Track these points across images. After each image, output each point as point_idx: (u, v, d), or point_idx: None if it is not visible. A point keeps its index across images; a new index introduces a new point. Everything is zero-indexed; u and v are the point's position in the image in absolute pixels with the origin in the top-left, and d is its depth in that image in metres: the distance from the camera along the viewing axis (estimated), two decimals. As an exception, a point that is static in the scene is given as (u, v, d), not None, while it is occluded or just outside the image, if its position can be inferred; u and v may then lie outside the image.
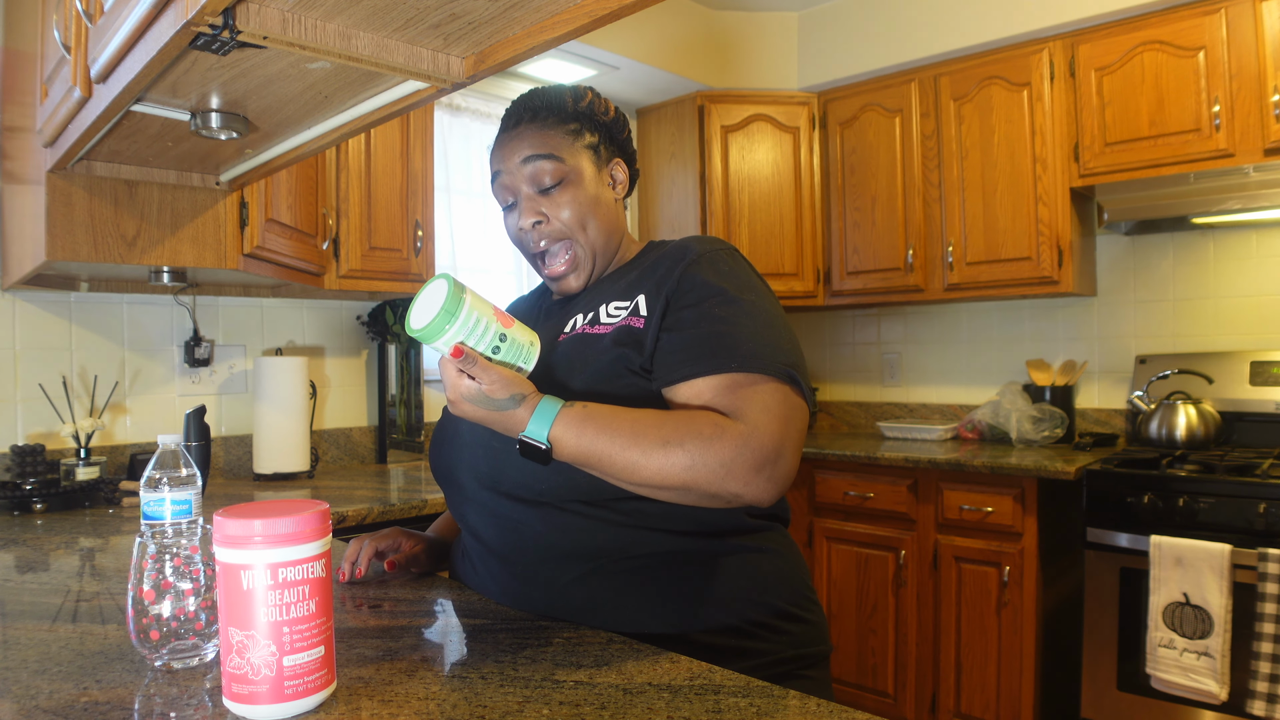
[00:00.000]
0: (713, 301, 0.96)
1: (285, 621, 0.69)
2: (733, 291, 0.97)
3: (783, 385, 0.92)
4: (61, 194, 1.63)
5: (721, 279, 0.98)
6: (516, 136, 1.07)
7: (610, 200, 1.10)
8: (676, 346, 0.94)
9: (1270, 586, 1.99)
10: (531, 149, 1.05)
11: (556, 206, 1.05)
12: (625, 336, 0.97)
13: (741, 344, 0.92)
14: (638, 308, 0.99)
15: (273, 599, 0.68)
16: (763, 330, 0.95)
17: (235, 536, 0.69)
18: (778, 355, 0.93)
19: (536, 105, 1.08)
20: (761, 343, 0.93)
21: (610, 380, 0.95)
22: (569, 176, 1.05)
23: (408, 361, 2.76)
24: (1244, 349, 2.70)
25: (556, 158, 1.05)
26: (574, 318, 1.05)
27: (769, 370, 0.91)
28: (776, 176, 3.36)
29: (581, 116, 1.08)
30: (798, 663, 1.00)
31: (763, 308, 0.97)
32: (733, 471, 0.85)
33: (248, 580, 0.69)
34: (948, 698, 2.64)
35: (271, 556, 0.69)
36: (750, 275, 1.02)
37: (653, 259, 1.05)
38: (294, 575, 0.69)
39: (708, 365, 0.91)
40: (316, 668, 0.71)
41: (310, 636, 0.70)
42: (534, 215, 1.05)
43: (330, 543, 0.74)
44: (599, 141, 1.09)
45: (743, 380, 0.91)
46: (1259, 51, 2.38)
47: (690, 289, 0.97)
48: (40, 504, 1.88)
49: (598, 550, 0.96)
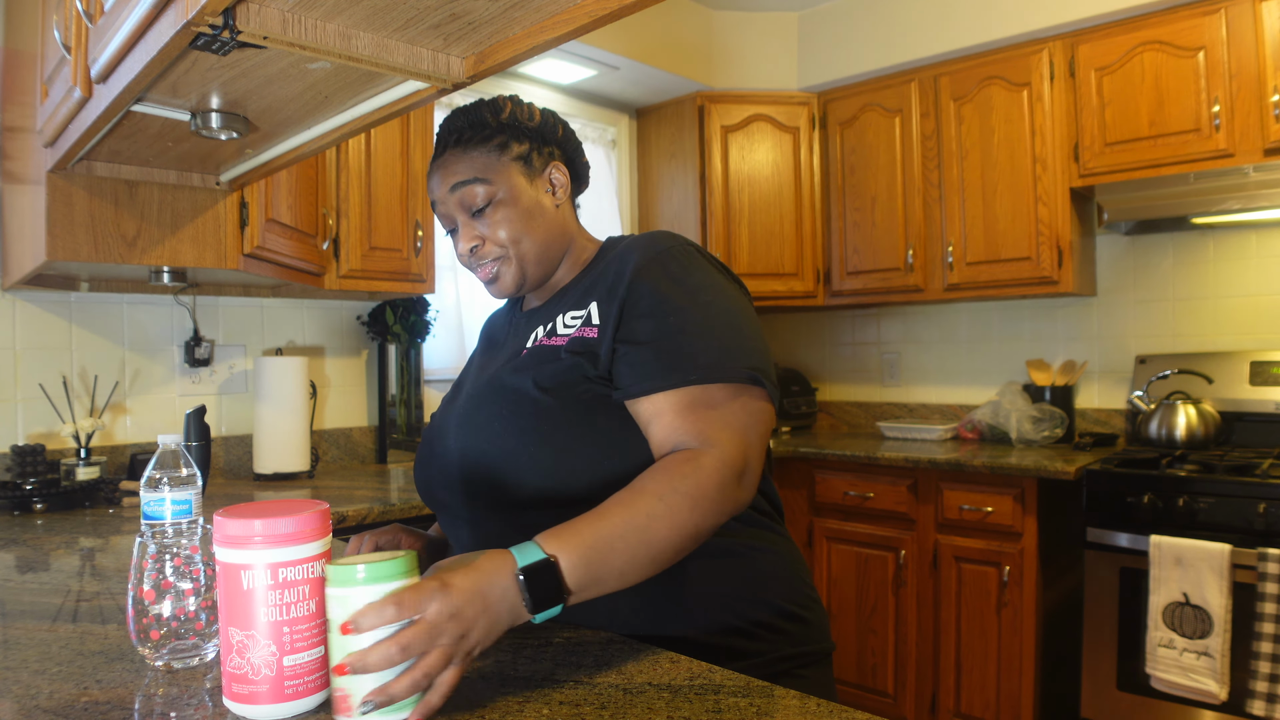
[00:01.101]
0: (666, 308, 0.94)
1: (285, 621, 0.69)
2: (685, 295, 0.96)
3: (743, 391, 0.92)
4: (62, 194, 1.63)
5: (673, 283, 0.96)
6: (443, 165, 1.06)
7: (550, 207, 1.08)
8: (635, 360, 0.93)
9: (1270, 586, 1.99)
10: (457, 176, 1.04)
11: (492, 226, 1.05)
12: (580, 346, 0.97)
13: (698, 353, 0.92)
14: (590, 316, 0.99)
15: (273, 599, 0.69)
16: (719, 333, 0.94)
17: (236, 536, 0.69)
18: (736, 359, 0.92)
19: (459, 126, 1.06)
20: (719, 348, 0.92)
21: (568, 388, 0.95)
22: (498, 195, 1.04)
23: (408, 361, 2.76)
24: (1244, 349, 2.70)
25: (483, 180, 1.04)
26: (535, 330, 1.06)
27: (728, 377, 0.91)
28: (776, 176, 3.36)
29: (505, 128, 1.06)
30: (796, 661, 0.99)
31: (719, 308, 0.96)
32: (724, 500, 0.87)
33: (248, 580, 0.69)
34: (948, 698, 2.64)
35: (272, 556, 0.69)
36: (704, 273, 1.00)
37: (604, 264, 1.05)
38: (295, 575, 0.69)
39: (667, 379, 0.91)
40: (316, 668, 0.71)
41: (310, 636, 0.70)
42: (471, 240, 1.05)
43: (331, 542, 0.74)
44: (529, 150, 1.07)
45: (700, 396, 0.90)
46: (1259, 51, 2.38)
47: (641, 297, 0.96)
48: (40, 504, 1.88)
49: None
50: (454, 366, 2.99)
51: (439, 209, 1.08)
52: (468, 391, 1.08)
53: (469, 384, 1.12)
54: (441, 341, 2.95)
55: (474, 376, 1.13)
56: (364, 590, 0.66)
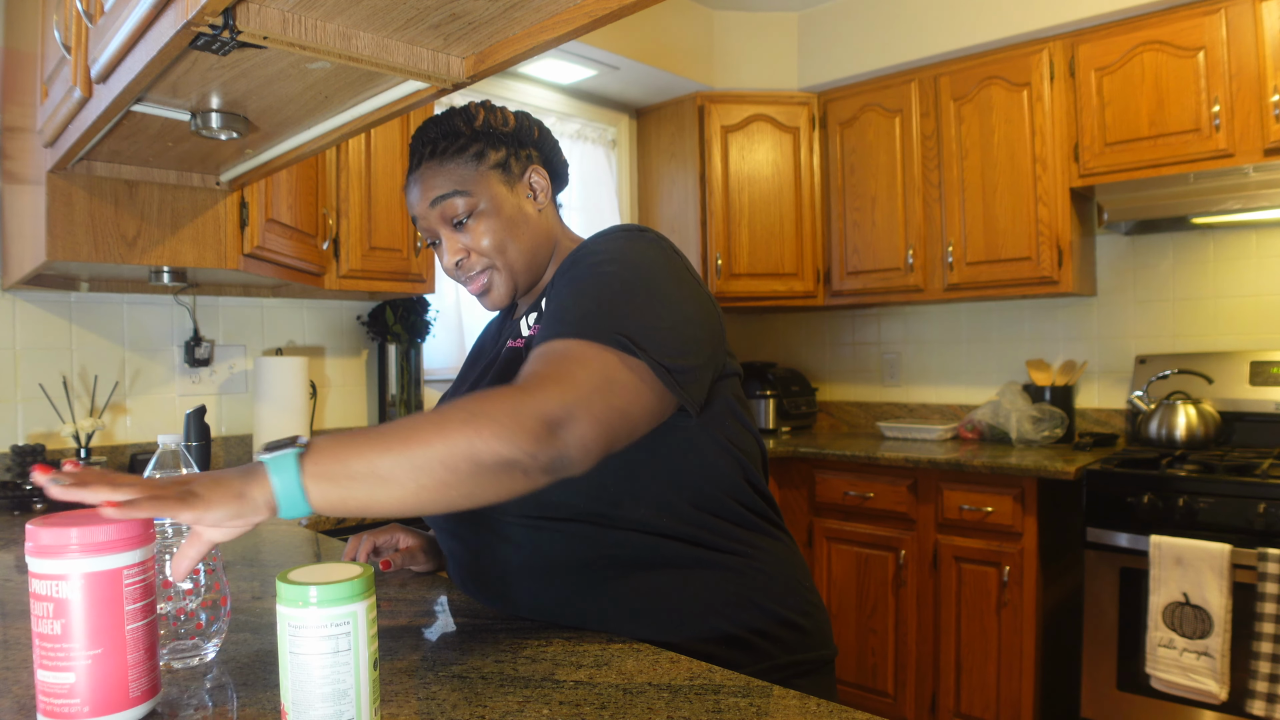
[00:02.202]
0: (567, 280, 0.92)
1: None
2: (593, 264, 0.91)
3: (605, 351, 0.82)
4: (62, 194, 1.63)
5: (589, 256, 0.93)
6: (420, 179, 1.04)
7: (532, 213, 1.07)
8: (542, 329, 0.89)
9: (1270, 586, 1.99)
10: (436, 190, 1.03)
11: (475, 237, 1.04)
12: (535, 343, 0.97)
13: (574, 311, 0.86)
14: (542, 313, 0.99)
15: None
16: (611, 298, 0.87)
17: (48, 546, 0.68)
18: (614, 323, 0.83)
19: (432, 137, 1.04)
20: (601, 311, 0.85)
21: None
22: (479, 206, 1.03)
23: (408, 361, 2.76)
24: (1244, 349, 2.70)
25: (463, 192, 1.02)
26: (510, 335, 1.07)
27: (593, 337, 0.82)
28: (776, 176, 3.36)
29: (480, 136, 1.04)
30: (792, 670, 0.97)
31: (623, 277, 0.89)
32: (511, 432, 0.73)
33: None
34: (948, 697, 2.64)
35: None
36: (631, 248, 0.93)
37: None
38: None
39: (542, 336, 0.86)
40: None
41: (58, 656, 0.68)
42: (457, 253, 1.04)
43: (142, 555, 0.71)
44: (506, 156, 1.05)
45: (559, 347, 0.83)
46: (1259, 52, 2.38)
47: (558, 276, 0.95)
48: (41, 504, 1.88)
49: (580, 563, 0.94)
50: (454, 366, 2.99)
51: (420, 223, 1.07)
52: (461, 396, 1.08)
53: (461, 389, 1.13)
54: (441, 341, 2.95)
55: (467, 380, 1.13)
56: (316, 612, 0.62)
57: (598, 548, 0.93)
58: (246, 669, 0.83)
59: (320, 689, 0.62)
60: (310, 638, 0.62)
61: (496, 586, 1.00)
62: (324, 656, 0.62)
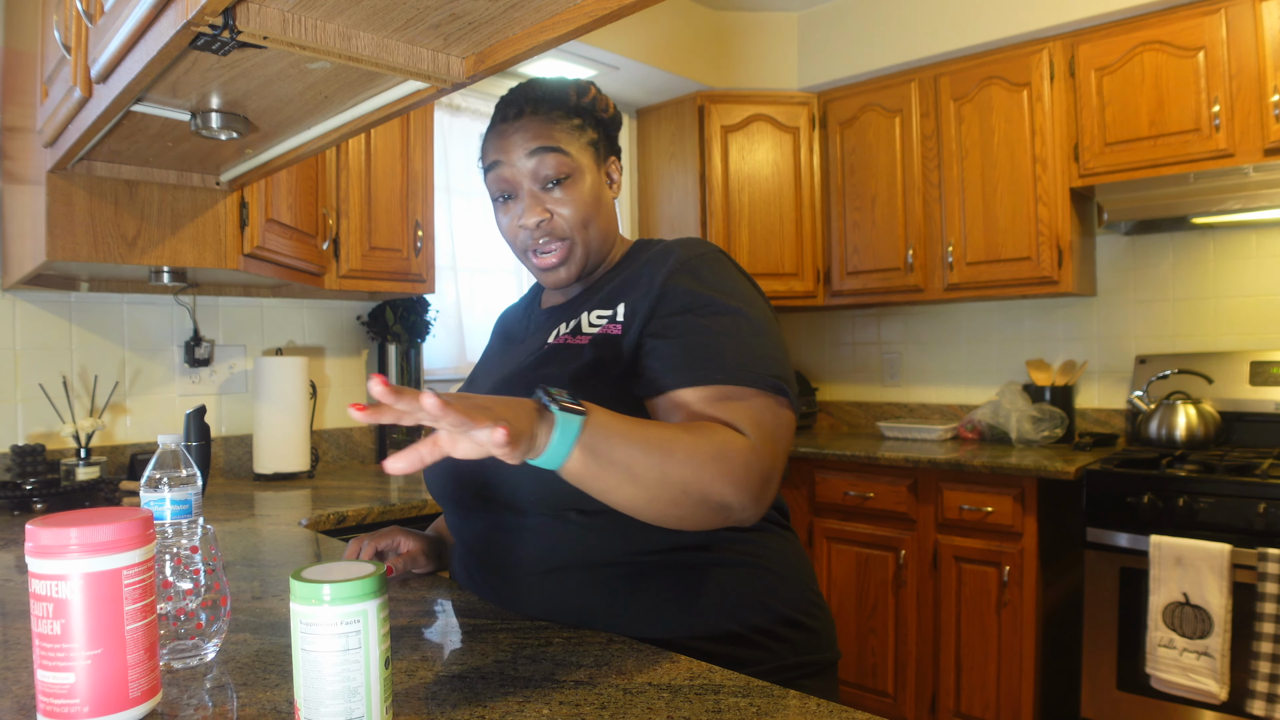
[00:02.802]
0: (698, 310, 0.92)
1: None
2: (719, 300, 0.93)
3: (770, 399, 0.88)
4: (62, 194, 1.63)
5: (706, 286, 0.94)
6: (520, 128, 1.01)
7: (609, 200, 1.07)
8: (662, 354, 0.90)
9: (1270, 586, 1.99)
10: (538, 141, 1.00)
11: (560, 204, 1.01)
12: (602, 342, 0.95)
13: (728, 354, 0.89)
14: (616, 315, 0.97)
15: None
16: (749, 340, 0.91)
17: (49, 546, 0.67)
18: (766, 366, 0.89)
19: (539, 96, 1.02)
20: (747, 353, 0.89)
21: (587, 386, 0.92)
22: (574, 173, 1.01)
23: (408, 361, 2.76)
24: (1244, 349, 2.70)
25: (564, 152, 1.00)
26: (557, 327, 1.03)
27: (756, 383, 0.87)
28: (776, 176, 3.36)
29: (584, 112, 1.04)
30: (799, 671, 0.97)
31: (749, 316, 0.93)
32: (742, 486, 0.80)
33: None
34: (948, 697, 2.64)
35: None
36: (736, 280, 0.98)
37: (637, 265, 1.02)
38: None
39: (693, 376, 0.88)
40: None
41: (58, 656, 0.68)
42: (539, 213, 1.00)
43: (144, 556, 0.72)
44: (599, 139, 1.05)
45: (731, 393, 0.87)
46: (1259, 51, 2.38)
47: (674, 297, 0.93)
48: (40, 504, 1.88)
49: (592, 558, 0.94)
50: (454, 366, 2.99)
51: (500, 171, 1.02)
52: (484, 387, 1.06)
53: (483, 379, 1.10)
54: (441, 341, 2.95)
55: (492, 372, 1.11)
56: (328, 610, 0.62)
57: (617, 543, 0.94)
58: (246, 669, 0.83)
59: (331, 686, 0.62)
60: (322, 635, 0.62)
61: (504, 575, 0.99)
62: (335, 654, 0.62)
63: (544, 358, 0.99)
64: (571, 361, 0.95)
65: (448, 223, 2.96)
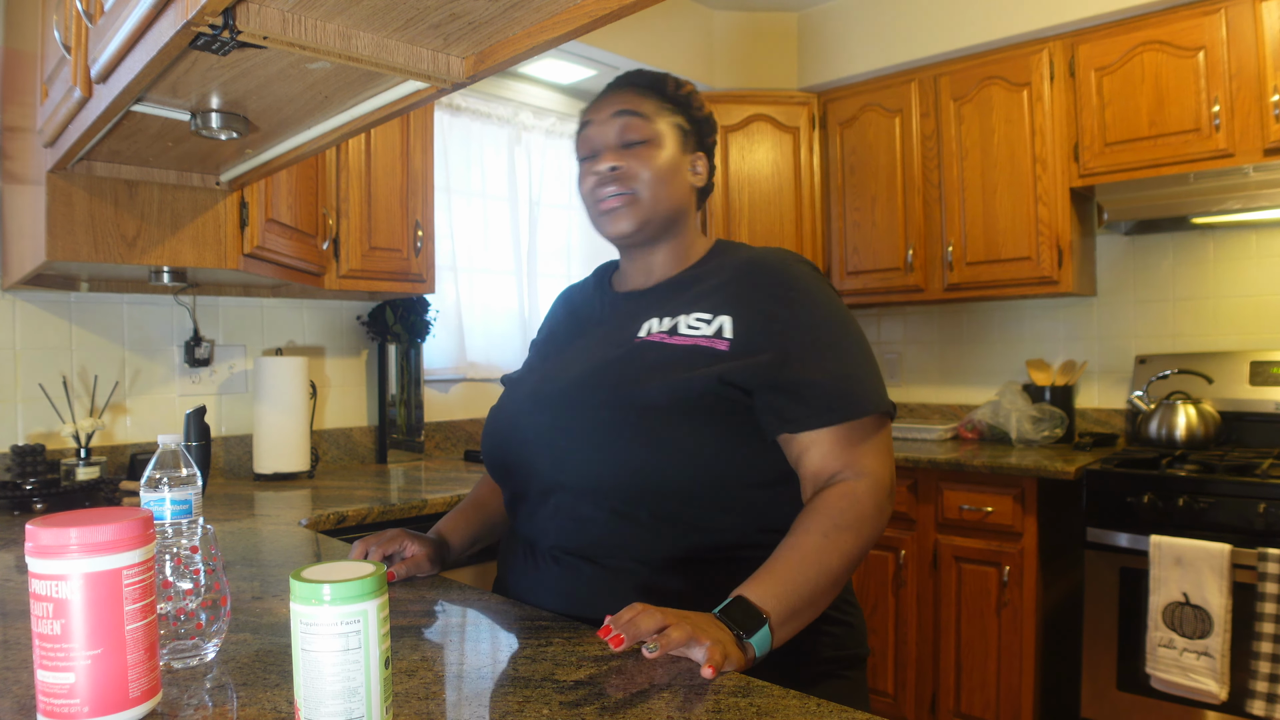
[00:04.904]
0: (824, 341, 0.99)
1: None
2: (838, 325, 1.01)
3: (883, 419, 1.00)
4: (62, 194, 1.63)
5: (826, 311, 1.01)
6: (614, 97, 1.11)
7: (687, 181, 1.12)
8: (806, 395, 0.96)
9: (1270, 586, 1.99)
10: (627, 104, 1.09)
11: (636, 162, 1.07)
12: (709, 357, 0.98)
13: (855, 386, 0.97)
14: (722, 330, 1.00)
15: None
16: (865, 364, 1.00)
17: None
18: (876, 389, 0.99)
19: (640, 80, 1.12)
20: (870, 381, 0.99)
21: (692, 394, 0.96)
22: (654, 139, 1.08)
23: (408, 361, 2.76)
24: (1244, 349, 2.70)
25: (647, 117, 1.08)
26: (648, 321, 1.05)
27: (878, 409, 0.98)
28: (776, 176, 3.36)
29: (677, 101, 1.12)
30: (838, 663, 1.02)
31: (855, 336, 1.02)
32: (881, 518, 0.95)
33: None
34: (947, 697, 2.64)
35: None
36: (834, 297, 1.05)
37: (735, 273, 1.05)
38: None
39: (834, 415, 0.96)
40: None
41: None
42: (612, 160, 1.07)
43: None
44: (688, 129, 1.13)
45: (857, 427, 0.97)
46: (1259, 51, 2.38)
47: (800, 325, 0.99)
48: (40, 504, 1.88)
49: (663, 554, 0.97)
50: (454, 366, 2.99)
51: (589, 130, 1.11)
52: (564, 370, 1.07)
53: (560, 360, 1.11)
54: (441, 341, 2.95)
55: (567, 352, 1.12)
56: (328, 610, 0.62)
57: (681, 540, 0.97)
58: (246, 669, 0.83)
59: (331, 686, 0.62)
60: (322, 635, 0.62)
61: (583, 560, 1.00)
62: (335, 654, 0.62)
63: (636, 352, 1.01)
64: (674, 359, 0.98)
65: (448, 223, 2.96)
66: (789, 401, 0.97)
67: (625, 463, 0.96)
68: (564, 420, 1.01)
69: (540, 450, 1.02)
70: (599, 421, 0.98)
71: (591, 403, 1.00)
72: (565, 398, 1.02)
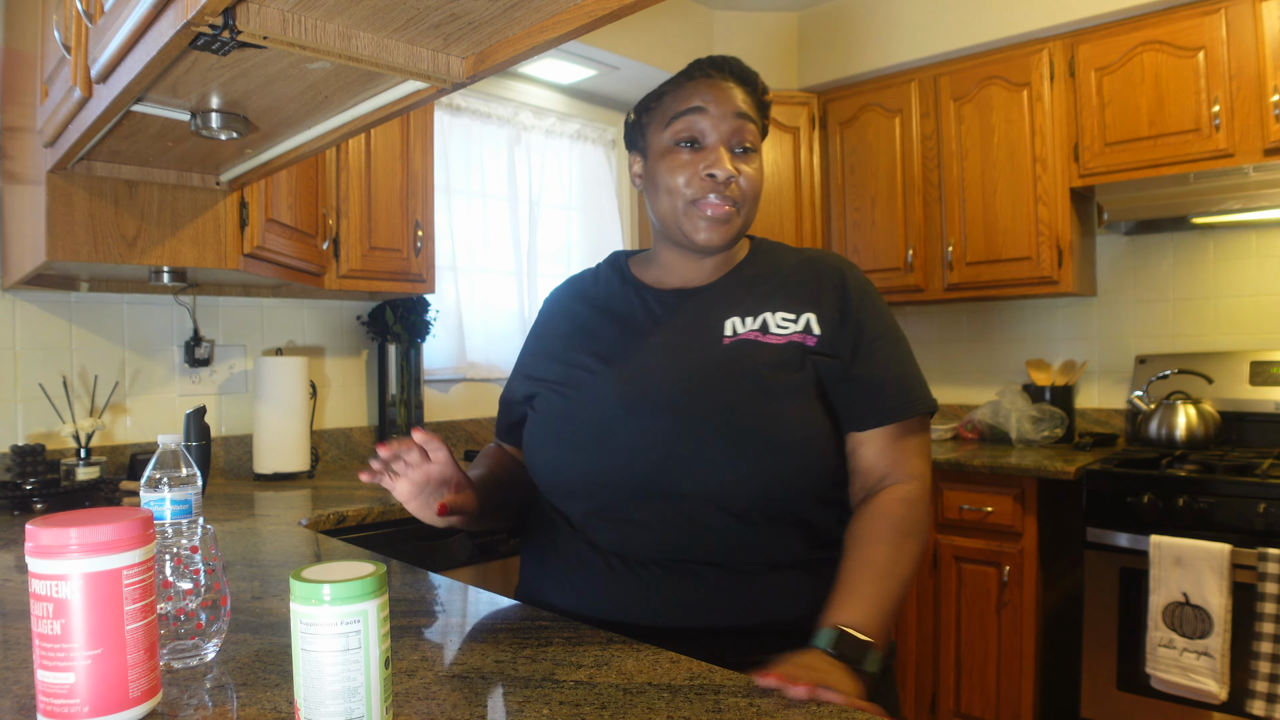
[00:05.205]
0: (886, 339, 1.04)
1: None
2: (895, 326, 1.06)
3: (927, 419, 1.05)
4: (61, 194, 1.63)
5: (885, 313, 1.06)
6: (731, 90, 1.06)
7: None
8: (877, 391, 1.01)
9: (1270, 586, 1.99)
10: (747, 108, 1.07)
11: (746, 172, 1.07)
12: (802, 354, 1.00)
13: (915, 387, 1.03)
14: (810, 327, 1.02)
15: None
16: (910, 364, 1.05)
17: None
18: (922, 388, 1.04)
19: (742, 74, 1.09)
20: (917, 380, 1.04)
21: (796, 396, 0.98)
22: (758, 149, 1.09)
23: (408, 361, 2.76)
24: (1244, 349, 2.70)
25: (756, 123, 1.08)
26: (729, 320, 1.03)
27: (924, 408, 1.03)
28: (776, 176, 3.36)
29: (764, 107, 1.12)
30: None
31: (902, 336, 1.07)
32: (930, 518, 1.03)
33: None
34: (947, 697, 2.64)
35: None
36: (882, 299, 1.09)
37: (801, 273, 1.07)
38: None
39: (897, 413, 1.01)
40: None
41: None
42: (733, 169, 1.04)
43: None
44: (762, 132, 1.13)
45: (905, 428, 1.02)
46: (1259, 51, 2.38)
47: (868, 327, 1.03)
48: (40, 504, 1.88)
49: (789, 556, 0.99)
50: (454, 366, 2.99)
51: (701, 118, 1.05)
52: (658, 375, 1.01)
53: (629, 364, 1.03)
54: (441, 341, 2.95)
55: (640, 354, 1.04)
56: (328, 610, 0.62)
57: (764, 545, 0.98)
58: (246, 669, 0.83)
59: (331, 686, 0.62)
60: (322, 635, 0.62)
61: (649, 571, 0.98)
62: (335, 654, 0.62)
63: (736, 351, 1.01)
64: (774, 359, 1.00)
65: (448, 223, 2.96)
66: (859, 397, 1.01)
67: (759, 466, 0.95)
68: (682, 427, 0.96)
69: (647, 457, 0.97)
70: (726, 426, 0.96)
71: (715, 405, 0.97)
72: (675, 402, 0.98)
